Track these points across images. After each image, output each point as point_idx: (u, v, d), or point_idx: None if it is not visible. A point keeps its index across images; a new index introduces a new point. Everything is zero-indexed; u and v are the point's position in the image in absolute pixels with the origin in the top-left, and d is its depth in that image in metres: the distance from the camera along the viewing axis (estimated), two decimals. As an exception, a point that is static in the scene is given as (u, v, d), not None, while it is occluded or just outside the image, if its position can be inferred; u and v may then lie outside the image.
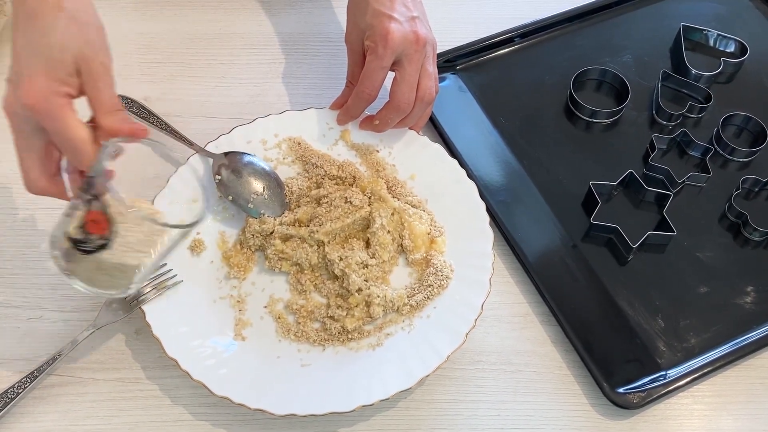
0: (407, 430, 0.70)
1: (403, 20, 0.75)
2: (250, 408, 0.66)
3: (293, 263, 0.75)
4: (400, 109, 0.77)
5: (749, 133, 0.89)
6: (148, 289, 0.71)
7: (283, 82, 0.92)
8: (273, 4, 0.98)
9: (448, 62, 0.92)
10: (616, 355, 0.73)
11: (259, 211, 0.76)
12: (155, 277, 0.71)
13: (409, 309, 0.72)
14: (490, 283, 0.72)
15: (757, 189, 0.84)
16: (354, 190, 0.77)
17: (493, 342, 0.75)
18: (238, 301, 0.73)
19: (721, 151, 0.87)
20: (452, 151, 0.83)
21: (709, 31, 0.95)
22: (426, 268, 0.74)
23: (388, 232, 0.75)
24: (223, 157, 0.78)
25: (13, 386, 0.67)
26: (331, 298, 0.73)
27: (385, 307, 0.72)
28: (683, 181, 0.84)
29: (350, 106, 0.79)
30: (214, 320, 0.72)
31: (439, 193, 0.79)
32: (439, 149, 0.81)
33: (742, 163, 0.87)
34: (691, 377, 0.72)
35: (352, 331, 0.71)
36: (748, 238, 0.81)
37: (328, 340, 0.71)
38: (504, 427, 0.71)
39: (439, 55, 0.89)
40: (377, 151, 0.81)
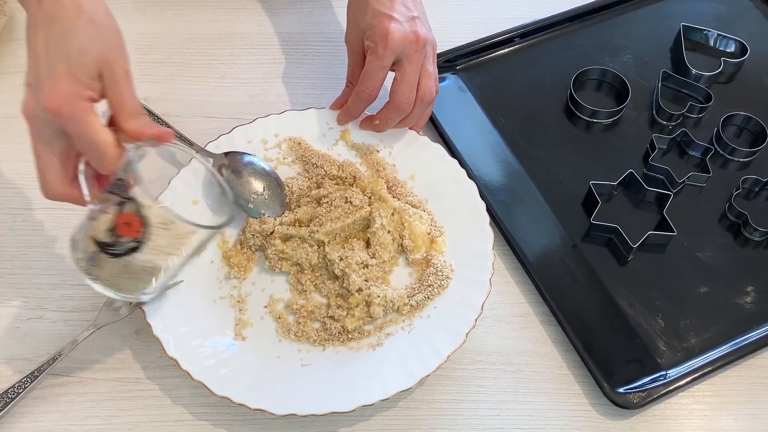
0: (407, 430, 0.70)
1: (403, 20, 0.75)
2: (250, 408, 0.66)
3: (293, 263, 0.75)
4: (401, 109, 0.77)
5: (749, 133, 0.89)
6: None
7: (283, 82, 0.92)
8: (273, 4, 0.98)
9: (448, 62, 0.92)
10: (617, 355, 0.73)
11: (260, 211, 0.76)
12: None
13: (410, 309, 0.72)
14: (491, 283, 0.72)
15: (757, 189, 0.84)
16: (354, 190, 0.76)
17: (494, 342, 0.75)
18: (239, 301, 0.73)
19: (722, 151, 0.87)
20: (452, 151, 0.83)
21: (709, 31, 0.95)
22: (426, 268, 0.74)
23: (389, 232, 0.75)
24: (224, 157, 0.78)
25: (14, 386, 0.67)
26: (332, 298, 0.73)
27: (386, 307, 0.72)
28: (683, 181, 0.84)
29: (350, 106, 0.79)
30: (215, 320, 0.72)
31: (440, 193, 0.79)
32: (440, 149, 0.81)
33: (743, 163, 0.87)
34: (692, 377, 0.72)
35: (353, 331, 0.71)
36: (749, 238, 0.81)
37: (329, 340, 0.71)
38: (504, 427, 0.71)
39: (439, 55, 0.89)
40: (377, 151, 0.81)
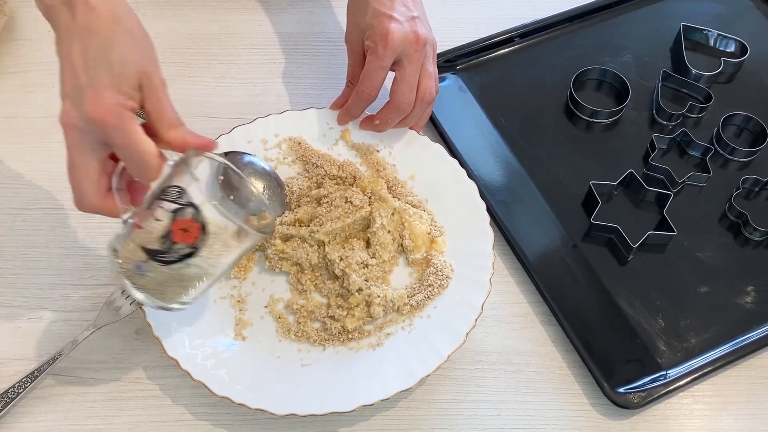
0: (407, 430, 0.70)
1: (403, 20, 0.75)
2: (250, 408, 0.66)
3: (293, 263, 0.75)
4: (401, 109, 0.77)
5: (749, 133, 0.89)
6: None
7: (284, 82, 0.92)
8: (273, 4, 0.98)
9: (448, 62, 0.92)
10: (617, 355, 0.73)
11: (260, 211, 0.76)
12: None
13: (410, 309, 0.72)
14: (491, 283, 0.72)
15: (757, 189, 0.84)
16: (354, 189, 0.76)
17: (494, 342, 0.75)
18: (239, 301, 0.73)
19: (722, 151, 0.87)
20: (452, 151, 0.83)
21: (709, 31, 0.95)
22: (426, 268, 0.74)
23: (389, 232, 0.75)
24: (224, 156, 0.78)
25: (14, 386, 0.67)
26: (332, 297, 0.73)
27: (386, 307, 0.72)
28: (683, 181, 0.84)
29: (350, 106, 0.79)
30: (215, 320, 0.72)
31: (440, 193, 0.79)
32: (440, 149, 0.81)
33: (743, 162, 0.87)
34: (692, 377, 0.72)
35: (353, 331, 0.71)
36: (749, 237, 0.81)
37: (329, 340, 0.71)
38: (504, 427, 0.71)
39: (439, 55, 0.89)
40: (377, 151, 0.81)
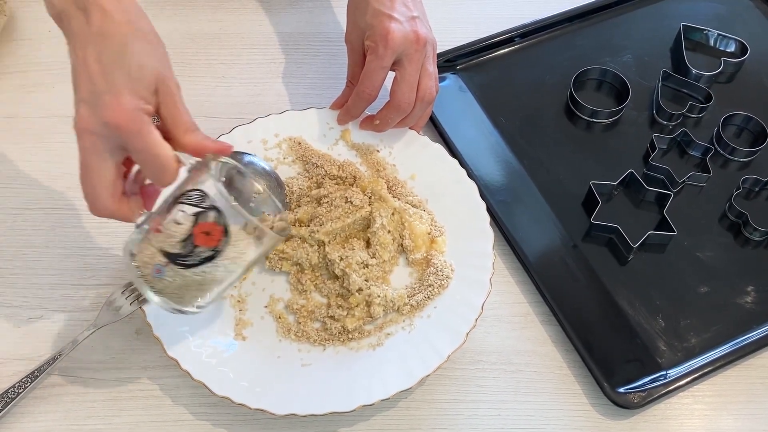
0: (408, 430, 0.70)
1: (404, 20, 0.75)
2: (250, 408, 0.66)
3: (294, 263, 0.75)
4: (401, 109, 0.77)
5: (749, 133, 0.89)
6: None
7: (284, 82, 0.92)
8: (273, 3, 0.98)
9: (449, 62, 0.92)
10: (617, 355, 0.73)
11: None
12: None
13: (410, 309, 0.72)
14: (491, 283, 0.72)
15: (757, 189, 0.84)
16: (354, 189, 0.76)
17: (494, 342, 0.75)
18: (239, 301, 0.73)
19: (722, 151, 0.87)
20: (452, 151, 0.83)
21: (709, 31, 0.95)
22: (426, 268, 0.74)
23: (389, 232, 0.75)
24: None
25: (14, 386, 0.67)
26: (332, 297, 0.73)
27: (386, 307, 0.72)
28: (683, 181, 0.84)
29: (350, 106, 0.79)
30: (215, 320, 0.72)
31: (440, 193, 0.79)
32: (440, 149, 0.81)
33: (743, 162, 0.87)
34: (692, 377, 0.72)
35: (353, 331, 0.71)
36: (749, 237, 0.81)
37: (329, 340, 0.71)
38: (504, 427, 0.71)
39: (440, 55, 0.89)
40: (377, 151, 0.81)
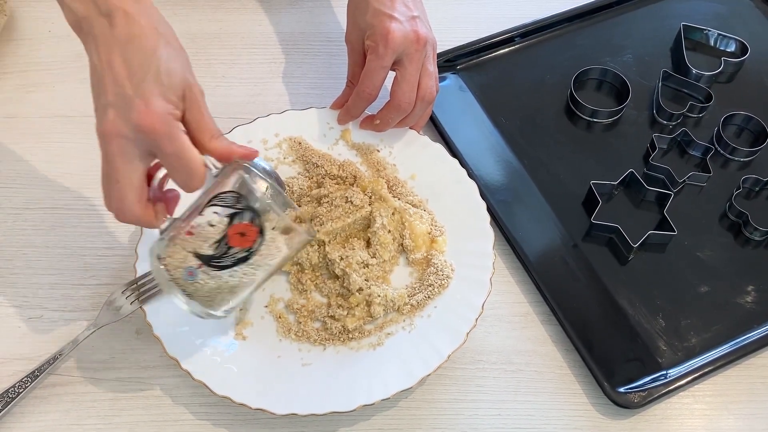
0: (408, 430, 0.70)
1: (404, 20, 0.75)
2: (251, 408, 0.66)
3: (294, 263, 0.74)
4: (401, 109, 0.77)
5: (750, 133, 0.89)
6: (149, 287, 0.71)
7: (284, 82, 0.92)
8: (273, 3, 0.98)
9: (449, 62, 0.92)
10: (617, 355, 0.73)
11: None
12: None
13: (410, 308, 0.72)
14: (491, 283, 0.72)
15: (757, 188, 0.84)
16: (355, 189, 0.76)
17: (494, 341, 0.75)
18: (239, 301, 0.73)
19: (722, 151, 0.87)
20: (453, 151, 0.83)
21: (709, 31, 0.95)
22: (426, 268, 0.74)
23: (389, 232, 0.75)
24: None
25: (14, 386, 0.67)
26: (332, 297, 0.73)
27: (386, 307, 0.72)
28: (684, 181, 0.84)
29: (351, 106, 0.79)
30: (215, 320, 0.71)
31: (440, 193, 0.79)
32: (440, 149, 0.81)
33: (743, 162, 0.87)
34: (692, 377, 0.72)
35: (353, 331, 0.71)
36: (749, 237, 0.81)
37: (329, 340, 0.71)
38: (505, 427, 0.71)
39: (440, 55, 0.89)
40: (378, 151, 0.81)
